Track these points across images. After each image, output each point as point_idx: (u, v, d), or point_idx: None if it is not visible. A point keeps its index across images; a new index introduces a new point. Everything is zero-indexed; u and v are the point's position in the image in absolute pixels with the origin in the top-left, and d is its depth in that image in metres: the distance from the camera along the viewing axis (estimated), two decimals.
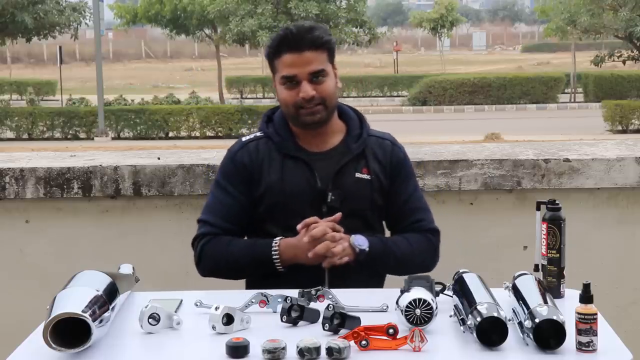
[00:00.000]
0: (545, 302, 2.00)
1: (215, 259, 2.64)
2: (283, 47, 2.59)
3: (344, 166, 2.64)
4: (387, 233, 2.78)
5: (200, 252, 2.66)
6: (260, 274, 2.63)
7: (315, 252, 2.49)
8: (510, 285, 2.23)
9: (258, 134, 2.71)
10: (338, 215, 2.55)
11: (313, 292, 2.25)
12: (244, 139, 2.73)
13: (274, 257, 2.57)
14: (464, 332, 2.00)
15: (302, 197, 2.60)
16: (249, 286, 2.70)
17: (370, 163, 2.66)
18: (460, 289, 2.17)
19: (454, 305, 2.15)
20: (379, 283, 2.72)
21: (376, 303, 2.23)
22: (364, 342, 1.94)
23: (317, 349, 1.90)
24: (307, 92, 2.56)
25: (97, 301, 1.98)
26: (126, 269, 2.49)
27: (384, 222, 2.77)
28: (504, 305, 2.05)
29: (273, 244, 2.57)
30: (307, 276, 2.51)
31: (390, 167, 2.69)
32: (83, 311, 1.91)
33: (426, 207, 2.75)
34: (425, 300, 2.04)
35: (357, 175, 2.64)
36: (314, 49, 2.58)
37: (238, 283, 2.74)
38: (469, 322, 1.98)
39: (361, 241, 2.56)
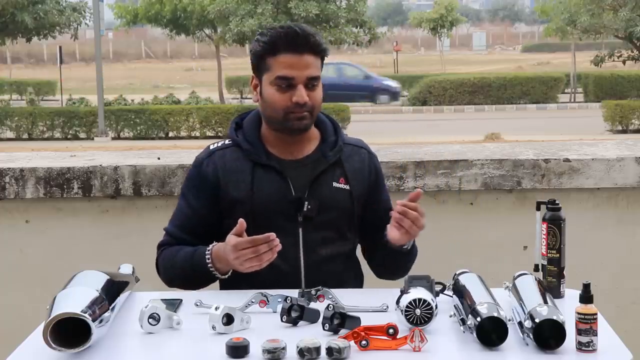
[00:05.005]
0: (545, 302, 2.01)
1: (166, 270, 2.57)
2: (283, 46, 2.44)
3: (320, 175, 2.52)
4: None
5: (157, 263, 2.60)
6: (215, 280, 2.49)
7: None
8: (510, 285, 2.23)
9: (226, 141, 2.57)
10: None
11: (313, 292, 2.26)
12: (211, 146, 2.59)
13: (209, 266, 2.43)
14: (464, 332, 2.00)
15: (275, 207, 2.47)
16: (222, 287, 2.56)
17: (347, 172, 2.55)
18: (460, 288, 2.17)
19: (454, 305, 2.15)
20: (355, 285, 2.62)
21: (376, 303, 2.23)
22: (364, 342, 1.94)
23: (317, 349, 1.90)
24: (302, 97, 2.43)
25: (97, 301, 1.99)
26: (126, 269, 2.50)
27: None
28: (504, 305, 2.05)
29: (206, 252, 2.43)
30: (282, 276, 2.45)
31: (368, 177, 2.60)
32: (83, 311, 1.91)
33: None
34: (425, 300, 2.04)
35: (335, 184, 2.53)
36: (314, 54, 2.46)
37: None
38: (469, 322, 1.98)
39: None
